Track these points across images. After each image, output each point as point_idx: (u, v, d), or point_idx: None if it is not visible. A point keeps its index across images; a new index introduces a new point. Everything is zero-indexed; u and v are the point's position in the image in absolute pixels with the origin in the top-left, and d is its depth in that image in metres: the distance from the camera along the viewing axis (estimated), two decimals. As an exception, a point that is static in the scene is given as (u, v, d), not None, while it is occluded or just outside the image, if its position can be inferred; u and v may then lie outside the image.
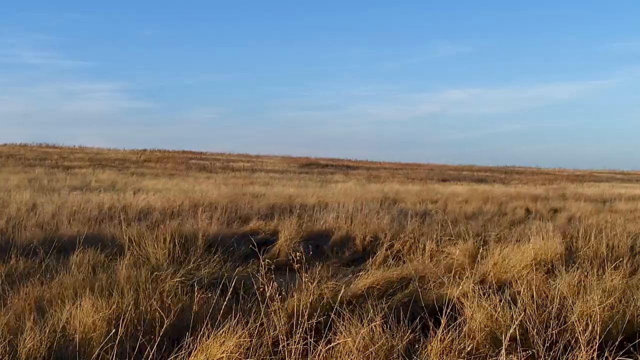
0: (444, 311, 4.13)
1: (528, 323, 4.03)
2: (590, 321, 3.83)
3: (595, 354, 3.67)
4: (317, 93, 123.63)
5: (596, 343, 3.67)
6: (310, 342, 3.73)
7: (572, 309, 4.22)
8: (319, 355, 3.62)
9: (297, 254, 9.08)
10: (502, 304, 4.40)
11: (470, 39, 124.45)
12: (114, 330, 3.79)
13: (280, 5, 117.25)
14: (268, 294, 4.31)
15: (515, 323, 3.77)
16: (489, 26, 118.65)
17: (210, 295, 5.02)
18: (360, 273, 5.92)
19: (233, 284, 4.63)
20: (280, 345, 3.80)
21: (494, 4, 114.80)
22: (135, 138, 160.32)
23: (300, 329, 3.78)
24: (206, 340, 3.78)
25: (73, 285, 5.27)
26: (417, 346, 4.06)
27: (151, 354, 3.57)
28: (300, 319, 3.83)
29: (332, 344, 3.71)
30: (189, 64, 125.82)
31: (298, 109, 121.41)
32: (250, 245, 9.76)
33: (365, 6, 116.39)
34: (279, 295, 4.34)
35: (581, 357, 3.63)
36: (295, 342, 3.72)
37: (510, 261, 6.60)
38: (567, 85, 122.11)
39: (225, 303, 4.26)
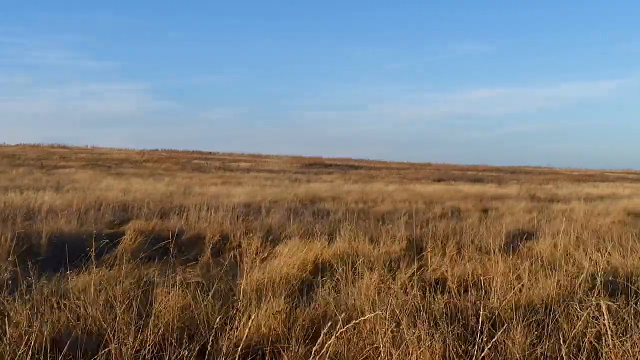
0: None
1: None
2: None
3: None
4: (337, 93, 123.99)
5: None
6: None
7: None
8: None
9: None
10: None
11: (489, 38, 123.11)
12: None
13: (296, 6, 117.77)
14: None
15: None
16: (509, 25, 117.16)
17: None
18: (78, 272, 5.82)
19: None
20: None
21: (514, 2, 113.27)
22: (158, 138, 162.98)
23: None
24: None
25: None
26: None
27: None
28: None
29: None
30: (206, 64, 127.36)
31: (316, 109, 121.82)
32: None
33: (384, 5, 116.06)
34: None
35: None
36: None
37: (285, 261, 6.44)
38: (588, 84, 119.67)
39: None
